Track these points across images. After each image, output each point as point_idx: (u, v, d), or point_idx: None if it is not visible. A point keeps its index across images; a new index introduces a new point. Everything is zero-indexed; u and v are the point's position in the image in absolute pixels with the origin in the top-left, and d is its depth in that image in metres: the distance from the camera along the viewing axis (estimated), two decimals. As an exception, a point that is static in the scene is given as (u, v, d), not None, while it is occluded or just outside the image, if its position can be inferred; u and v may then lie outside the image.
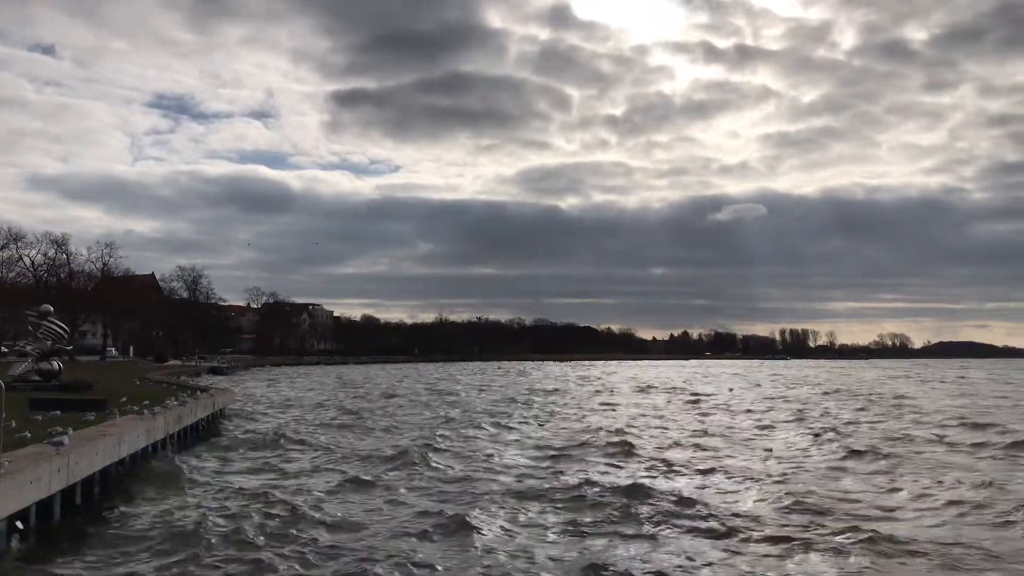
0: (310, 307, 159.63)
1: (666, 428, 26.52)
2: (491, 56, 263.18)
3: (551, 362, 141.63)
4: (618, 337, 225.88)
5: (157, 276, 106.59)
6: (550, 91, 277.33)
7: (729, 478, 15.89)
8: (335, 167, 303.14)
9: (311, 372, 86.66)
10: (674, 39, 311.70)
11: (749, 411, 33.91)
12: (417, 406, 36.09)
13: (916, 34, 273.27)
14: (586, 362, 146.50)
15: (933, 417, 30.50)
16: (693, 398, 42.84)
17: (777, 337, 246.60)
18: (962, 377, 79.84)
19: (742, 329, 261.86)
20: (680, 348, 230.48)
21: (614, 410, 34.65)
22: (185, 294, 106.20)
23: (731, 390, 51.60)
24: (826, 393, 48.89)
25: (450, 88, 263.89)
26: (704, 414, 32.57)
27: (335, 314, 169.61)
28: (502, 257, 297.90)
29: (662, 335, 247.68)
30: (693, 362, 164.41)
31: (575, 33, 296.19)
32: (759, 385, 60.17)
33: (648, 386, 57.13)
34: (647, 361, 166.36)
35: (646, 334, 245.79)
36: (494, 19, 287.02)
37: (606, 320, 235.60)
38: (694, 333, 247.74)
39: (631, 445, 20.76)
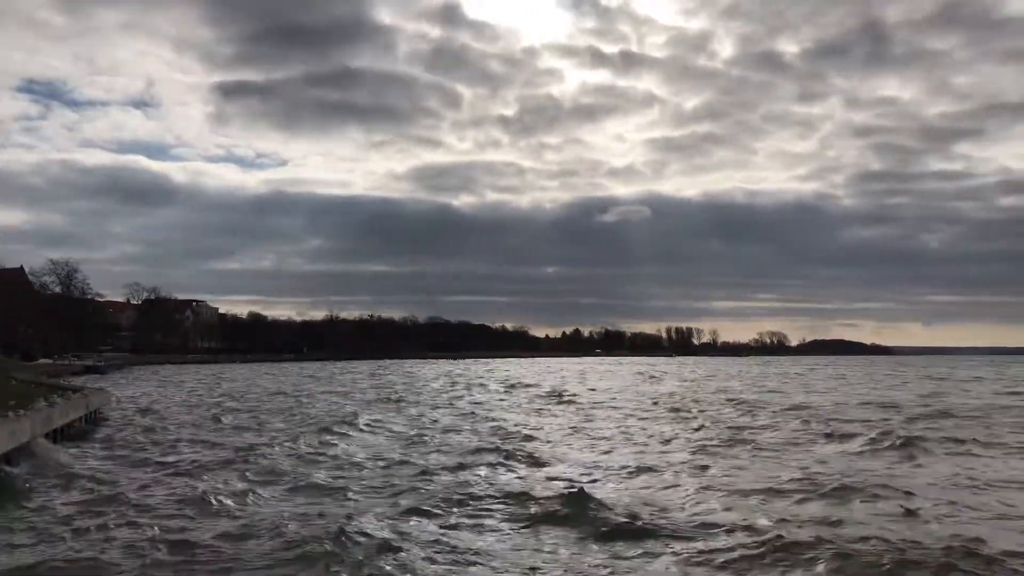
0: (194, 303, 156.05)
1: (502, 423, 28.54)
2: (381, 52, 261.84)
3: (444, 360, 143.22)
4: (512, 335, 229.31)
5: (26, 270, 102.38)
6: (441, 89, 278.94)
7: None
8: (221, 159, 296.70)
9: (183, 372, 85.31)
10: (563, 43, 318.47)
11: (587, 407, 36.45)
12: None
13: (788, 47, 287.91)
14: (480, 360, 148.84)
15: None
16: (549, 393, 45.65)
17: (664, 335, 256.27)
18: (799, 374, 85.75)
19: (631, 327, 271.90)
20: (572, 345, 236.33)
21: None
22: (58, 289, 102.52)
23: (592, 389, 54.31)
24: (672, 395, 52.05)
25: (340, 83, 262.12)
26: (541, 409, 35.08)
27: (220, 311, 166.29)
28: (395, 254, 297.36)
29: (555, 333, 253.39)
30: (586, 359, 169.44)
31: (466, 32, 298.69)
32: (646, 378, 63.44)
33: (518, 383, 59.47)
34: (542, 359, 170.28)
35: (540, 332, 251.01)
36: (384, 15, 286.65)
37: (501, 318, 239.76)
38: (585, 331, 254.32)
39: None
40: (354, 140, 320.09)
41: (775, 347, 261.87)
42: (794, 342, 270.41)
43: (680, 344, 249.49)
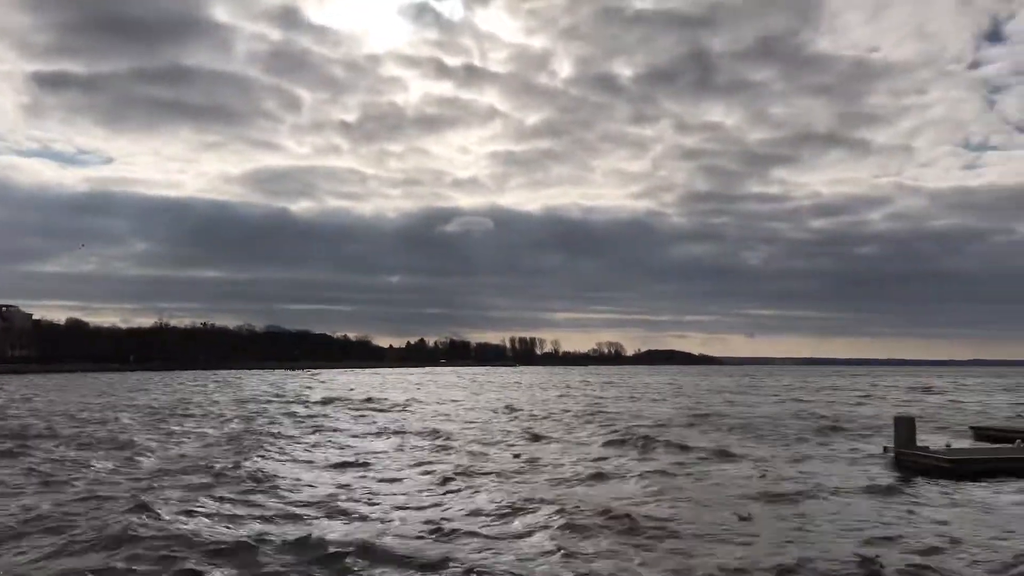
0: (3, 308, 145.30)
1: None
2: (217, 51, 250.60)
3: (282, 371, 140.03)
4: (355, 345, 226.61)
5: None
6: (280, 91, 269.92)
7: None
8: (36, 154, 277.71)
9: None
10: (406, 53, 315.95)
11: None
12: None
13: (623, 70, 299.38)
14: (320, 371, 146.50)
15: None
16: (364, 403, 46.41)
17: (508, 345, 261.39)
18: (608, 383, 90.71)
19: (475, 337, 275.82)
20: (417, 355, 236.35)
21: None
22: None
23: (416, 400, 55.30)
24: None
25: (171, 80, 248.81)
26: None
27: (35, 317, 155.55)
28: (229, 260, 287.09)
29: (399, 343, 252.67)
30: (432, 369, 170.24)
31: (307, 36, 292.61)
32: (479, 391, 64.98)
33: (335, 398, 59.72)
34: (385, 369, 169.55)
35: (383, 341, 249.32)
36: (220, 13, 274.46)
37: (343, 327, 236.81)
38: (430, 341, 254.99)
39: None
40: (185, 140, 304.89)
41: (613, 357, 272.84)
42: (630, 352, 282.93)
43: (524, 354, 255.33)
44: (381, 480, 17.88)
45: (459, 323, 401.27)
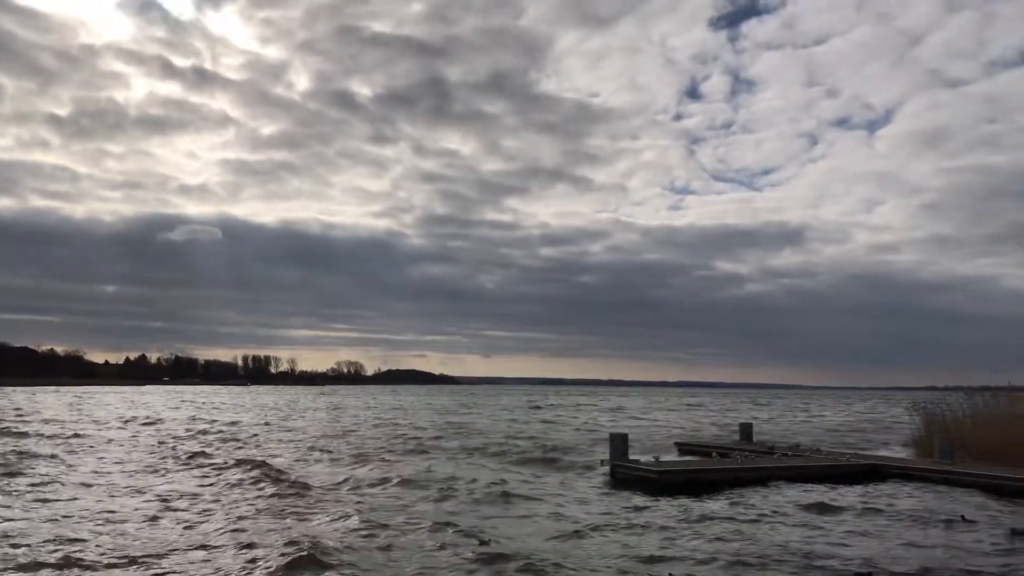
0: None
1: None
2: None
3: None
4: (63, 360, 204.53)
5: None
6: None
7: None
8: None
9: None
10: (129, 48, 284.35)
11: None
12: None
13: (362, 89, 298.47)
14: (16, 388, 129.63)
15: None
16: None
17: (240, 362, 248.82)
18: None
19: (203, 354, 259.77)
20: (136, 372, 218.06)
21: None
22: None
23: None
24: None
25: None
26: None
27: None
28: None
29: (116, 358, 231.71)
30: (154, 387, 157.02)
31: (10, 18, 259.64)
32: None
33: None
34: (98, 387, 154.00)
35: (98, 357, 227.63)
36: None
37: (49, 340, 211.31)
38: (152, 356, 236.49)
39: None
40: None
41: (352, 376, 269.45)
42: (370, 371, 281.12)
43: (257, 372, 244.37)
44: None
45: (186, 338, 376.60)
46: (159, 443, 31.77)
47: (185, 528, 13.87)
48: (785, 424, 52.89)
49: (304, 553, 11.44)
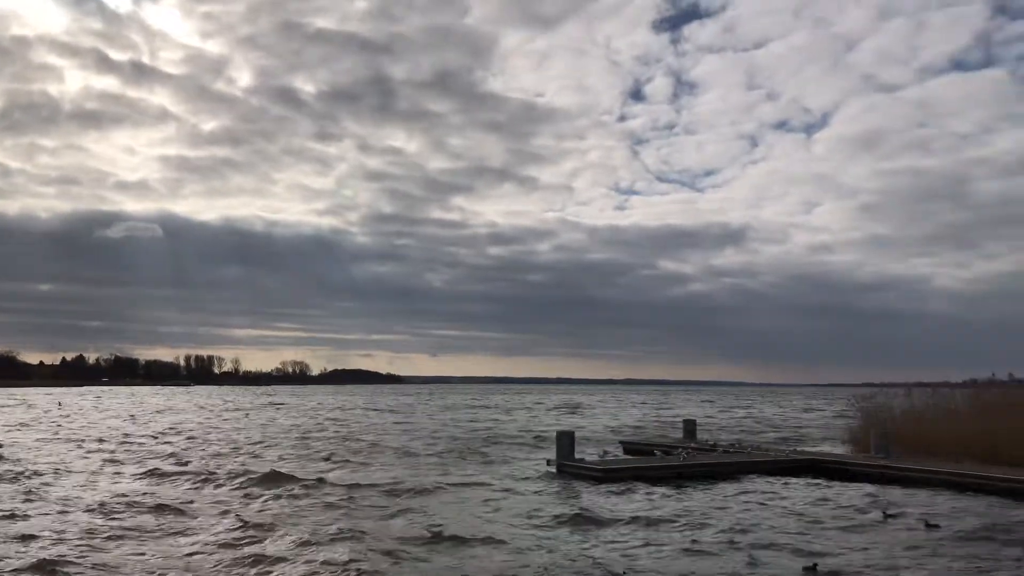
0: None
1: None
2: None
3: None
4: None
5: None
6: None
7: None
8: None
9: None
10: (63, 40, 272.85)
11: None
12: None
13: (306, 86, 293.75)
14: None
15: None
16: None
17: (182, 362, 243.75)
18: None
19: (145, 353, 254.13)
20: (74, 373, 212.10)
21: None
22: None
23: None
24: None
25: None
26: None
27: None
28: None
29: (52, 359, 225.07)
30: (92, 388, 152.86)
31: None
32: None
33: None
34: (33, 389, 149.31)
35: (32, 357, 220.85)
36: None
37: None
38: (91, 357, 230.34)
39: None
40: None
41: (298, 376, 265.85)
42: (316, 371, 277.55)
43: (200, 372, 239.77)
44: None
45: (126, 338, 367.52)
46: None
47: None
48: (728, 421, 53.81)
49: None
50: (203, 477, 21.03)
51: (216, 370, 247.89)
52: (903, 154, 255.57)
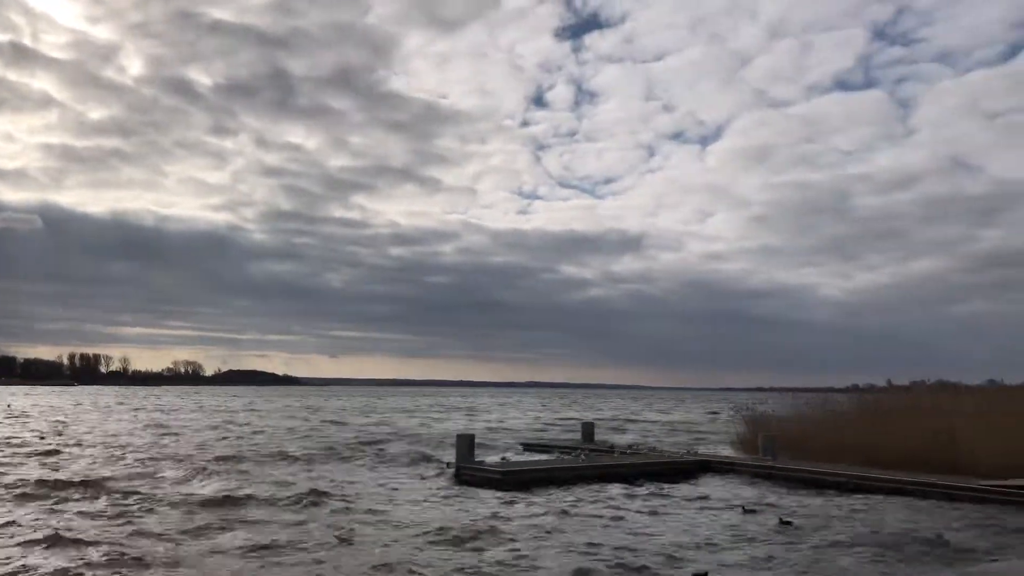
0: None
1: None
2: None
3: None
4: None
5: None
6: None
7: None
8: None
9: None
10: None
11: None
12: None
13: (201, 78, 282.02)
14: None
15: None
16: None
17: (65, 361, 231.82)
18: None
19: (23, 351, 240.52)
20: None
21: None
22: None
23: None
24: None
25: None
26: None
27: None
28: None
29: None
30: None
31: None
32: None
33: None
34: None
35: None
36: None
37: None
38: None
39: None
40: None
41: (191, 376, 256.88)
42: (210, 372, 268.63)
43: (85, 372, 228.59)
44: None
45: (2, 334, 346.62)
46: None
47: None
48: (626, 423, 54.98)
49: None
50: None
51: (103, 369, 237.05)
52: (791, 168, 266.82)
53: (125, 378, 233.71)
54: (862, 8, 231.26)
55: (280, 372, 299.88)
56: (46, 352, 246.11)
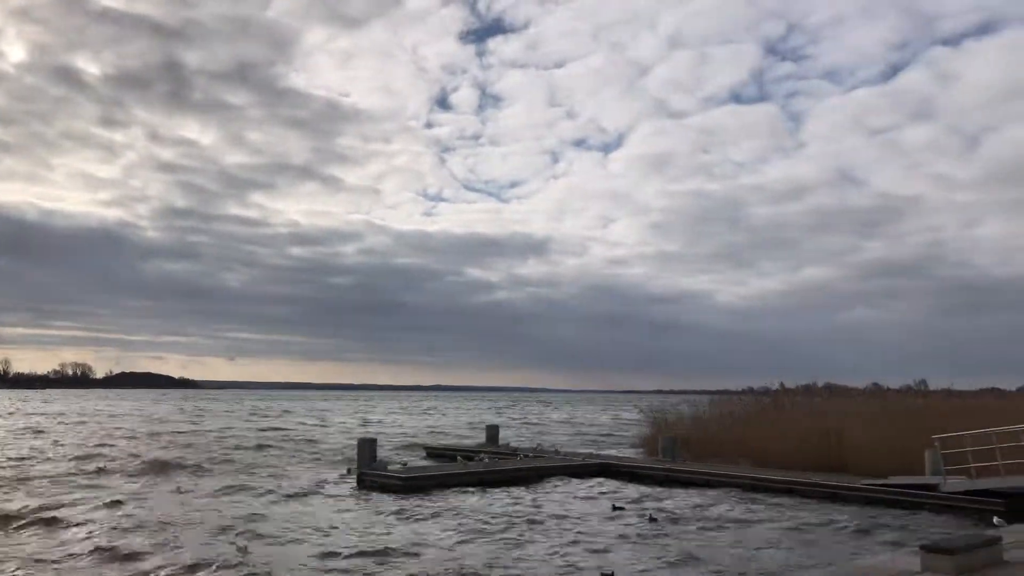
0: None
1: None
2: None
3: None
4: None
5: None
6: None
7: None
8: None
9: None
10: None
11: None
12: None
13: (89, 67, 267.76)
14: None
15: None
16: None
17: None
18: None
19: None
20: None
21: None
22: None
23: None
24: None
25: None
26: None
27: None
28: None
29: None
30: None
31: None
32: None
33: None
34: None
35: None
36: None
37: None
38: None
39: None
40: None
41: (79, 379, 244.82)
42: (100, 374, 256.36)
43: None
44: None
45: None
46: None
47: None
48: (529, 426, 55.33)
49: None
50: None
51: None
52: (688, 177, 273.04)
53: (6, 380, 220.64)
54: (756, 23, 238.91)
55: (176, 375, 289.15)
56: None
